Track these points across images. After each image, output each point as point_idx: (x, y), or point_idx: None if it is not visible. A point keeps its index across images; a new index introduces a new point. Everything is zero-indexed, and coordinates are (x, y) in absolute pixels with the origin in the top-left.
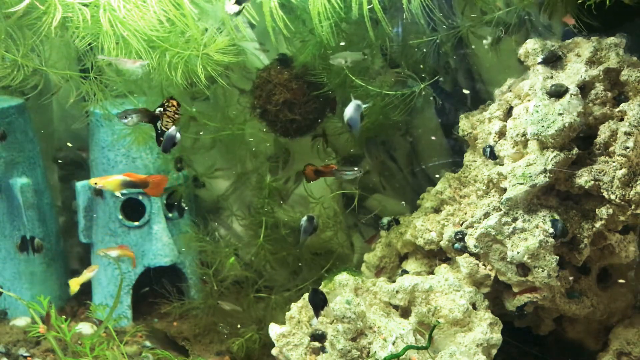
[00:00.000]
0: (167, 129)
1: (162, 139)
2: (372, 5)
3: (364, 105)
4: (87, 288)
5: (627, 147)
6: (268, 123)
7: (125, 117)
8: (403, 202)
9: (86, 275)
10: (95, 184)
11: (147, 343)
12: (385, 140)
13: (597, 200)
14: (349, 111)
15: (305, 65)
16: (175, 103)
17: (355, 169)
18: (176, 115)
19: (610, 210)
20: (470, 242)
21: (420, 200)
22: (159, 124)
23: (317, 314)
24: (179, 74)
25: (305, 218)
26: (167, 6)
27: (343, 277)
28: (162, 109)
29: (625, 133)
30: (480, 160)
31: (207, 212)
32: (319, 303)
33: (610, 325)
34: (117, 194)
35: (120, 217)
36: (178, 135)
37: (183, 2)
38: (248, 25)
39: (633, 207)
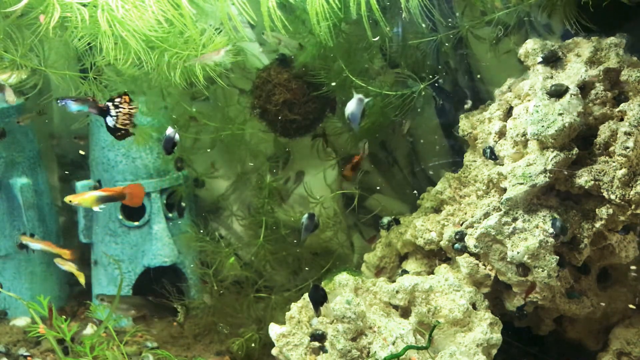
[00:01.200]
0: (123, 125)
1: (118, 134)
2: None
3: (366, 100)
4: (87, 288)
5: (627, 147)
6: (268, 123)
7: (60, 101)
8: (415, 192)
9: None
10: (70, 202)
11: (148, 343)
12: (385, 140)
13: (597, 200)
14: (351, 106)
15: (305, 65)
16: (127, 99)
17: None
18: (132, 111)
19: (610, 210)
20: (470, 242)
21: (420, 200)
22: (110, 120)
23: (317, 310)
24: (178, 74)
25: (306, 216)
26: (165, 6)
27: (343, 277)
28: (111, 104)
29: (625, 133)
30: (480, 160)
31: (207, 212)
32: (319, 299)
33: (610, 325)
34: (96, 209)
35: (120, 217)
36: (177, 136)
37: (181, 2)
38: (248, 25)
39: (633, 207)
